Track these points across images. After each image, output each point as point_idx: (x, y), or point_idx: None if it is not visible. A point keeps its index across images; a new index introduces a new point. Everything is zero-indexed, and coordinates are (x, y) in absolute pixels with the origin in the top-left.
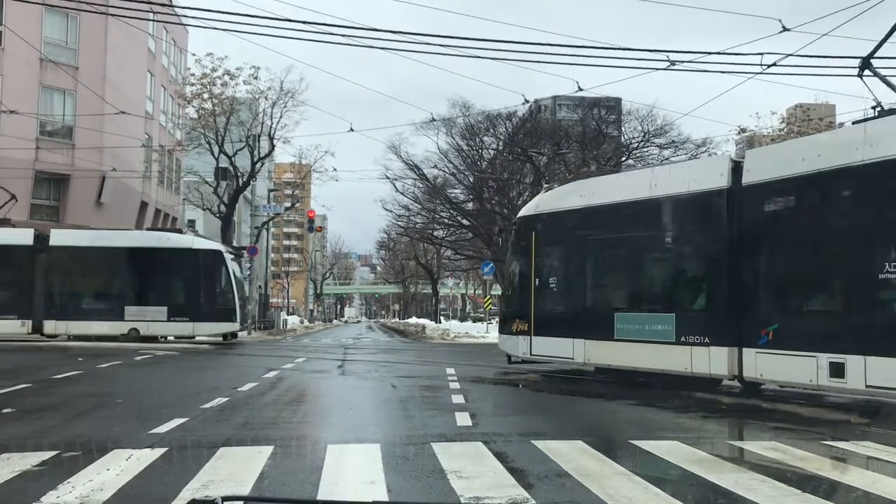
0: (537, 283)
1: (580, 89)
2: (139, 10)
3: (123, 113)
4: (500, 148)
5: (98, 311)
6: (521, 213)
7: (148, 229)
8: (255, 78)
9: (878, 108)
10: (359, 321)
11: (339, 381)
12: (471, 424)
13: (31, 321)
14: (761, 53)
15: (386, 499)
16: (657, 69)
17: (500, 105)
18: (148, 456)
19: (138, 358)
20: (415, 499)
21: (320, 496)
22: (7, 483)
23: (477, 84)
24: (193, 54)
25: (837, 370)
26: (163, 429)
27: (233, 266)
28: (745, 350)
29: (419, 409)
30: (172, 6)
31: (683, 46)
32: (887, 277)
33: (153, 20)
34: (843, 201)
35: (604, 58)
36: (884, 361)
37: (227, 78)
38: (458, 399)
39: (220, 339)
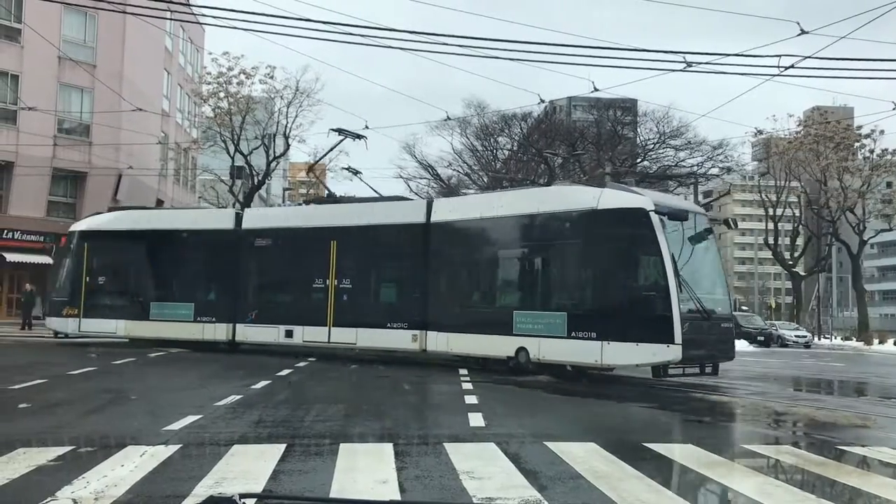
0: (87, 279)
1: (596, 90)
2: (157, 8)
3: (140, 110)
4: (515, 148)
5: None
6: (78, 227)
7: None
8: (271, 77)
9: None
10: None
11: (353, 380)
12: (483, 425)
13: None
14: (779, 55)
15: (398, 498)
16: (673, 70)
17: (515, 105)
18: (162, 452)
19: (152, 355)
20: (427, 498)
21: (332, 494)
22: (23, 477)
23: (492, 84)
24: (210, 53)
25: (289, 334)
26: (176, 425)
27: None
28: (238, 325)
29: (432, 409)
30: (189, 5)
31: (700, 48)
32: (316, 286)
33: (170, 19)
34: (298, 243)
35: (619, 58)
36: (311, 329)
37: (243, 77)
38: (470, 400)
39: None
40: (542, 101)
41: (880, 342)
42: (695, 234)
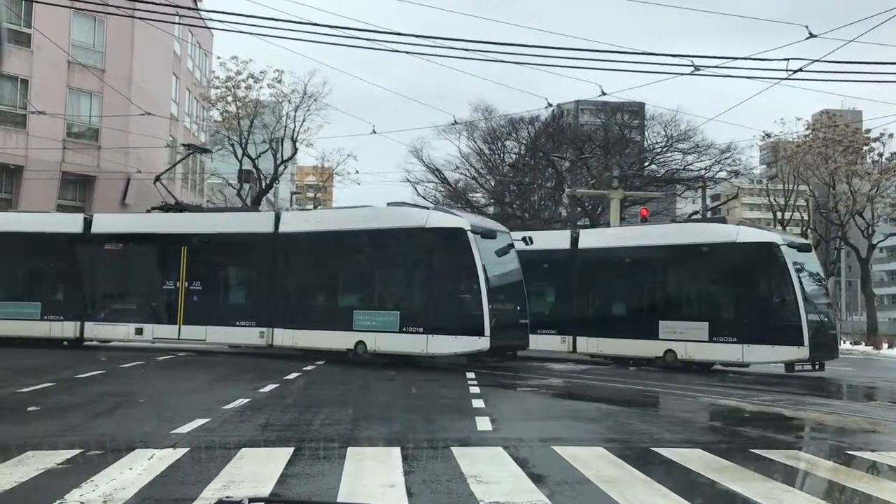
0: None
1: (603, 93)
2: (166, 13)
3: (149, 114)
4: (522, 152)
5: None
6: None
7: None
8: (279, 81)
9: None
10: None
11: (360, 384)
12: (491, 429)
13: None
14: (787, 59)
15: (406, 502)
16: (681, 74)
17: (523, 109)
18: (170, 455)
19: (160, 358)
20: (435, 503)
21: (340, 498)
22: (32, 480)
23: (499, 88)
24: (218, 57)
25: (139, 331)
26: (184, 429)
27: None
28: (86, 323)
29: (439, 413)
30: (198, 10)
31: (707, 52)
32: (167, 287)
33: (179, 24)
34: (148, 247)
35: (627, 62)
36: (161, 327)
37: (251, 81)
38: (478, 403)
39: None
40: (550, 104)
41: (889, 346)
42: (500, 249)
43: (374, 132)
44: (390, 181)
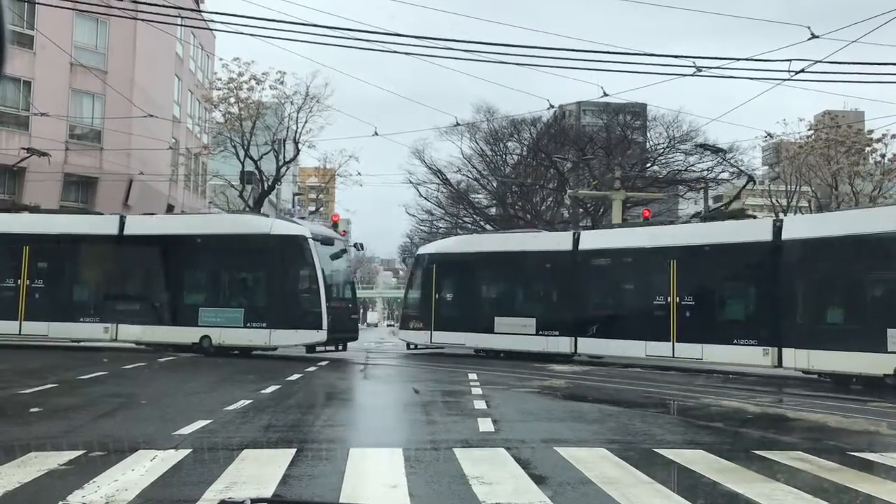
0: None
1: (605, 94)
2: (168, 15)
3: (151, 116)
4: (524, 153)
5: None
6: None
7: None
8: (282, 83)
9: None
10: (376, 325)
11: (362, 385)
12: (493, 430)
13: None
14: (789, 60)
15: (408, 503)
16: (683, 75)
17: (525, 110)
18: (172, 457)
19: (162, 360)
20: (437, 503)
21: (342, 499)
22: (35, 481)
23: (501, 89)
24: (220, 59)
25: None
26: (187, 430)
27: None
28: None
29: (441, 414)
30: (200, 11)
31: (708, 52)
32: (6, 285)
33: (181, 25)
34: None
35: (629, 63)
36: (1, 323)
37: (253, 82)
38: (480, 404)
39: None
40: (552, 105)
41: None
42: (336, 254)
43: (377, 134)
44: (392, 182)
